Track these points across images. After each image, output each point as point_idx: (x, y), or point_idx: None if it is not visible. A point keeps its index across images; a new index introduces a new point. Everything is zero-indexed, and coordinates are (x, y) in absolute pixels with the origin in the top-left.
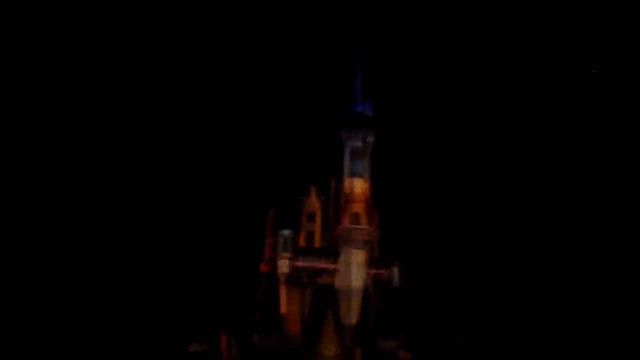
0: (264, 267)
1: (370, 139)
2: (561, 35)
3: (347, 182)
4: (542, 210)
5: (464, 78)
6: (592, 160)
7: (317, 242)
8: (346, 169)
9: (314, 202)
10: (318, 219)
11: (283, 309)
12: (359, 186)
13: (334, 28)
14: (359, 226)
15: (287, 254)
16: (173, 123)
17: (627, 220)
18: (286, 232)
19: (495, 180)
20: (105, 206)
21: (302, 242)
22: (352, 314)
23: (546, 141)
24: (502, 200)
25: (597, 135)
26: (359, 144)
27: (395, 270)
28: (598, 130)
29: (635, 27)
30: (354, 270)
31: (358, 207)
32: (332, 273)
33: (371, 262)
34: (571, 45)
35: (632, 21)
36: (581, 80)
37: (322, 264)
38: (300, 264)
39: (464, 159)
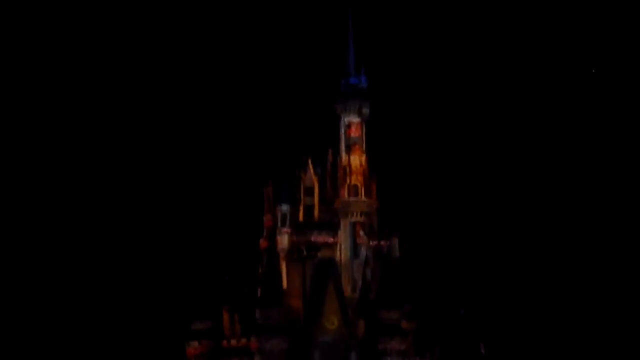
0: (263, 243)
1: (366, 111)
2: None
3: (344, 154)
4: (547, 182)
5: (464, 44)
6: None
7: (316, 216)
8: (342, 142)
9: (311, 176)
10: (316, 193)
11: (284, 284)
12: (356, 158)
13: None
14: (357, 198)
15: (286, 229)
16: (169, 101)
17: None
18: (284, 207)
19: (495, 148)
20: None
21: (301, 217)
22: (353, 286)
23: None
24: (503, 169)
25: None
26: (354, 115)
27: (396, 241)
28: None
29: (635, 27)
30: (354, 242)
31: (356, 179)
32: (332, 246)
33: (371, 234)
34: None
35: (632, 21)
36: None
37: (322, 238)
38: (299, 238)
39: (462, 127)
